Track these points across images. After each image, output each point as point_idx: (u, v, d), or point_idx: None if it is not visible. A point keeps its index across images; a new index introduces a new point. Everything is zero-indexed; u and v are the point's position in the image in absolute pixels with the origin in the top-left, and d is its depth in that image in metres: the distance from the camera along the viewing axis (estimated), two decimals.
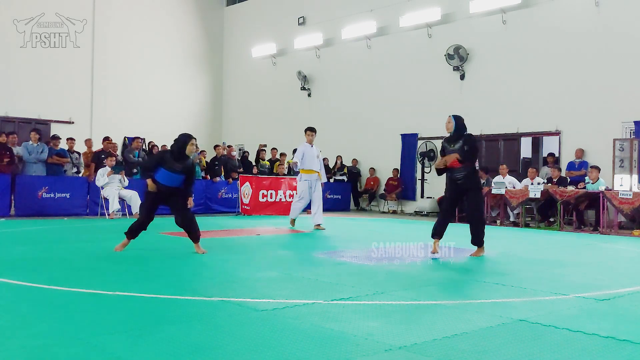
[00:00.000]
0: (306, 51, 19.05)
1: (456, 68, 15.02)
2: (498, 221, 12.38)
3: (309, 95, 19.04)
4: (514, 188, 12.10)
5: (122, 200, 11.78)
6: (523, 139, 14.33)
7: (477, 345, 3.09)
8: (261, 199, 13.60)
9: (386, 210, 16.54)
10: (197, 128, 19.87)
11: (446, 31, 15.41)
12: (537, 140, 14.17)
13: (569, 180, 11.87)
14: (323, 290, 4.50)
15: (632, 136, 11.84)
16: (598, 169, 11.20)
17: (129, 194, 11.73)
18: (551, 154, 13.31)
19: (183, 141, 6.39)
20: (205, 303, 4.00)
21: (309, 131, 10.20)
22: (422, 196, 15.74)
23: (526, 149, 14.51)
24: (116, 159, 12.35)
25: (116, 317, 3.53)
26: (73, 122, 17.59)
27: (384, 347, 3.00)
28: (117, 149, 15.05)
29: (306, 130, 10.23)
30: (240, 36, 21.44)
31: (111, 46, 18.62)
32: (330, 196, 15.55)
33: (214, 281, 4.96)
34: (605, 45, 12.66)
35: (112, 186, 11.63)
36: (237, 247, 6.91)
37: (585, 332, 3.37)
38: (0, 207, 10.96)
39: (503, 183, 12.13)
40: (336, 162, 17.08)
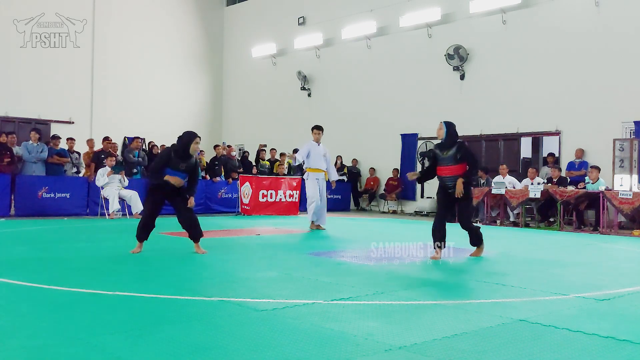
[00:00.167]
0: (306, 51, 19.05)
1: (456, 68, 15.02)
2: (498, 221, 12.38)
3: (309, 95, 19.04)
4: (514, 188, 12.10)
5: (122, 200, 11.79)
6: (523, 139, 14.33)
7: (477, 345, 3.09)
8: (261, 199, 13.61)
9: (386, 210, 16.54)
10: (197, 128, 19.74)
11: (446, 31, 15.41)
12: (537, 140, 14.16)
13: (569, 180, 11.87)
14: (323, 290, 4.50)
15: (632, 136, 11.85)
16: (598, 169, 11.20)
17: (129, 194, 11.73)
18: (551, 154, 13.31)
19: (187, 140, 6.32)
20: (205, 303, 4.00)
21: (316, 129, 10.06)
22: (422, 196, 15.74)
23: (526, 149, 14.50)
24: (116, 159, 12.35)
25: (116, 317, 3.53)
26: (73, 122, 17.59)
27: (384, 347, 3.00)
28: (117, 149, 15.05)
29: (313, 128, 10.11)
30: (240, 36, 21.44)
31: (111, 46, 18.62)
32: (330, 196, 15.49)
33: (214, 281, 4.96)
34: (605, 45, 12.66)
35: (112, 186, 11.64)
36: (237, 247, 6.91)
37: (585, 332, 3.37)
38: (0, 207, 10.97)
39: (503, 183, 12.12)
40: (336, 162, 17.06)
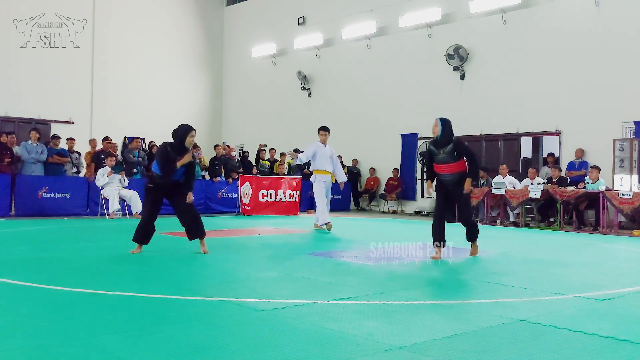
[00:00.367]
0: (306, 51, 19.05)
1: (456, 68, 15.01)
2: (498, 221, 12.37)
3: (309, 95, 19.04)
4: (514, 188, 12.10)
5: (122, 200, 11.79)
6: (523, 139, 14.32)
7: (477, 345, 3.09)
8: (261, 199, 13.61)
9: (386, 210, 16.54)
10: (197, 128, 19.20)
11: (446, 31, 15.41)
12: (537, 140, 14.16)
13: (569, 180, 11.87)
14: (323, 290, 4.50)
15: (632, 136, 11.84)
16: (598, 169, 11.20)
17: (129, 194, 11.74)
18: (551, 154, 13.31)
19: (182, 133, 6.28)
20: (205, 303, 4.00)
21: (322, 130, 9.86)
22: (422, 196, 15.74)
23: (526, 149, 14.50)
24: (116, 159, 12.36)
25: (116, 317, 3.53)
26: (73, 122, 17.59)
27: (384, 347, 3.00)
28: (117, 149, 15.05)
29: (319, 129, 9.92)
30: (240, 36, 21.44)
31: (111, 46, 18.62)
32: (330, 196, 15.50)
33: (214, 281, 4.96)
34: (605, 45, 12.66)
35: (112, 186, 11.64)
36: (237, 247, 6.91)
37: (585, 332, 3.37)
38: (0, 207, 10.97)
39: (503, 183, 12.12)
40: None
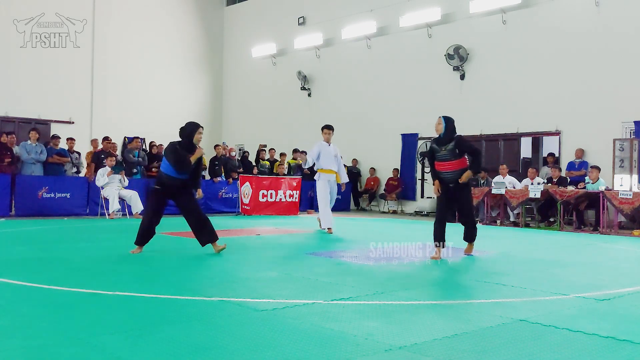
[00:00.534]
0: (306, 51, 19.05)
1: (456, 68, 15.01)
2: (498, 221, 12.37)
3: (309, 95, 19.04)
4: (514, 188, 12.10)
5: (122, 200, 11.79)
6: (523, 139, 14.32)
7: (477, 345, 3.09)
8: (261, 199, 13.61)
9: (386, 210, 16.53)
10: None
11: (446, 31, 15.41)
12: (537, 140, 14.16)
13: (569, 180, 11.87)
14: (323, 290, 4.50)
15: (632, 136, 11.84)
16: (598, 169, 11.19)
17: (129, 194, 11.74)
18: (551, 154, 13.31)
19: (190, 130, 6.25)
20: (205, 303, 4.00)
21: (326, 129, 9.64)
22: (422, 196, 15.74)
23: (526, 149, 14.50)
24: (116, 159, 12.35)
25: (116, 317, 3.53)
26: (73, 122, 17.59)
27: (384, 347, 3.00)
28: (117, 149, 15.05)
29: (323, 128, 9.68)
30: (240, 36, 21.44)
31: (111, 46, 18.61)
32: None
33: (214, 281, 4.96)
34: (605, 45, 12.66)
35: (112, 186, 11.64)
36: (237, 247, 6.90)
37: (585, 332, 3.37)
38: (0, 207, 10.97)
39: (503, 183, 12.12)
40: None
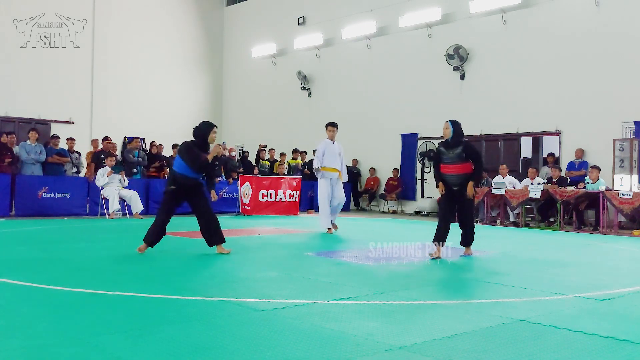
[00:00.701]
0: (306, 51, 19.05)
1: (456, 68, 15.02)
2: (498, 221, 12.37)
3: (309, 95, 19.04)
4: (514, 188, 12.10)
5: (122, 200, 11.79)
6: (523, 139, 14.33)
7: (477, 345, 3.09)
8: (261, 199, 13.61)
9: (386, 210, 16.53)
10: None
11: (446, 31, 15.41)
12: (537, 140, 14.16)
13: (569, 180, 11.87)
14: (323, 290, 4.50)
15: (632, 136, 11.84)
16: (598, 169, 11.19)
17: (129, 194, 11.74)
18: (551, 154, 13.31)
19: (205, 129, 6.22)
20: (205, 303, 4.00)
21: (330, 126, 9.38)
22: (422, 196, 15.74)
23: (526, 149, 14.51)
24: (116, 159, 12.35)
25: (116, 317, 3.53)
26: (73, 122, 17.59)
27: (384, 347, 3.00)
28: (117, 149, 15.05)
29: (327, 125, 9.43)
30: (240, 36, 21.44)
31: (111, 46, 18.62)
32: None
33: (214, 281, 4.96)
34: (605, 45, 12.66)
35: (112, 186, 11.64)
36: (237, 247, 6.90)
37: (585, 332, 3.37)
38: (0, 207, 10.97)
39: (503, 183, 12.12)
40: None
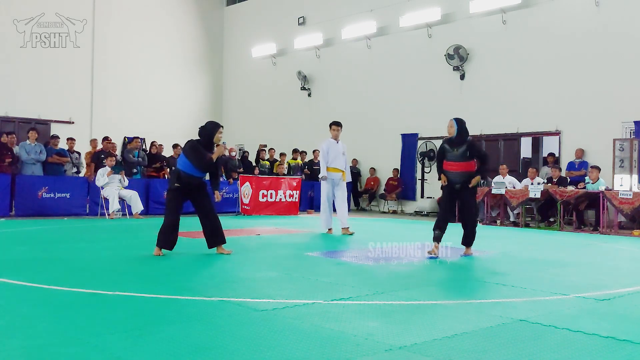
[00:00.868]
0: (306, 51, 19.05)
1: (456, 68, 15.01)
2: (498, 221, 12.37)
3: (309, 95, 19.04)
4: (514, 188, 12.10)
5: (122, 200, 11.79)
6: (523, 139, 14.33)
7: (477, 345, 3.09)
8: (261, 199, 13.61)
9: (386, 210, 16.53)
10: (197, 128, 19.72)
11: (446, 31, 15.41)
12: (537, 140, 14.16)
13: (569, 180, 11.87)
14: (323, 290, 4.50)
15: (632, 136, 11.84)
16: (598, 169, 11.19)
17: (129, 194, 11.74)
18: (551, 154, 13.31)
19: (211, 129, 6.22)
20: (205, 303, 4.00)
21: (334, 125, 9.22)
22: (422, 196, 15.74)
23: (526, 149, 14.51)
24: (116, 159, 12.35)
25: (116, 317, 3.53)
26: (73, 122, 17.59)
27: (384, 347, 3.00)
28: (117, 149, 15.05)
29: (331, 124, 9.27)
30: (240, 36, 21.44)
31: (111, 46, 18.62)
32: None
33: (214, 281, 4.96)
34: (605, 45, 12.66)
35: (112, 186, 11.64)
36: (237, 247, 6.90)
37: (585, 332, 3.37)
38: (0, 207, 10.96)
39: (503, 183, 12.12)
40: None
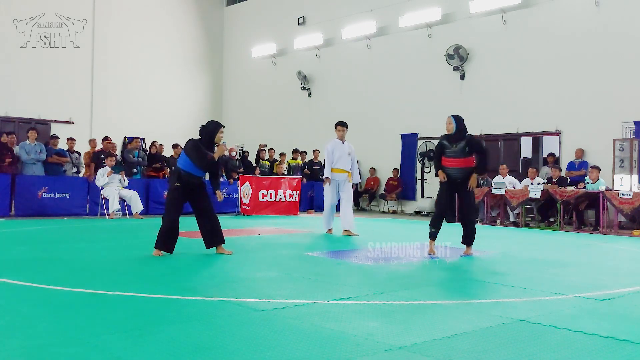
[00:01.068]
0: (306, 51, 19.05)
1: (456, 68, 15.02)
2: (498, 221, 12.37)
3: (309, 95, 19.04)
4: (514, 188, 12.10)
5: (122, 200, 11.79)
6: (523, 139, 14.33)
7: (477, 345, 3.09)
8: (261, 199, 13.61)
9: (386, 210, 16.53)
10: (197, 128, 19.72)
11: (446, 31, 15.41)
12: (537, 140, 14.16)
13: (569, 180, 11.87)
14: (323, 290, 4.50)
15: (632, 136, 11.84)
16: (598, 169, 11.19)
17: (129, 194, 11.74)
18: (551, 154, 13.31)
19: (212, 129, 6.21)
20: (205, 303, 4.00)
21: (340, 126, 9.10)
22: (422, 196, 15.74)
23: (526, 149, 14.51)
24: (116, 159, 12.35)
25: (116, 317, 3.53)
26: (73, 122, 17.59)
27: (384, 347, 3.00)
28: (117, 149, 15.04)
29: (336, 125, 9.16)
30: (240, 36, 21.44)
31: (111, 46, 18.62)
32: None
33: (214, 281, 4.95)
34: (605, 45, 12.66)
35: (112, 186, 11.64)
36: (237, 247, 6.90)
37: (585, 332, 3.37)
38: (0, 207, 10.96)
39: (503, 183, 12.12)
40: None
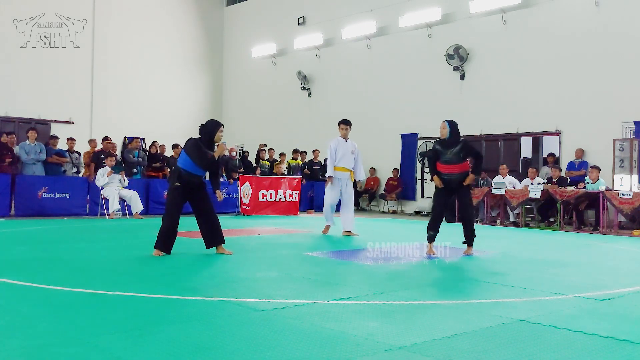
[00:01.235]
0: (306, 51, 19.05)
1: (456, 68, 15.01)
2: (498, 221, 12.37)
3: (309, 95, 19.04)
4: (514, 188, 12.10)
5: (122, 200, 11.79)
6: (523, 139, 14.33)
7: (477, 345, 3.09)
8: (261, 199, 13.61)
9: (386, 210, 16.53)
10: (197, 128, 19.77)
11: (446, 31, 15.41)
12: (537, 140, 14.16)
13: (569, 180, 11.87)
14: (323, 290, 4.50)
15: (632, 136, 11.85)
16: (598, 169, 11.20)
17: (129, 194, 11.74)
18: (551, 154, 13.31)
19: (212, 128, 6.19)
20: (205, 303, 4.00)
21: (343, 124, 9.00)
22: (422, 196, 15.74)
23: (526, 149, 14.51)
24: (116, 159, 12.35)
25: (116, 317, 3.52)
26: (73, 122, 17.59)
27: (384, 347, 3.00)
28: (117, 149, 15.04)
29: (339, 123, 9.06)
30: (240, 36, 21.44)
31: (111, 46, 18.62)
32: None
33: (214, 281, 4.95)
34: (605, 45, 12.66)
35: (112, 186, 11.64)
36: (237, 247, 6.90)
37: (585, 332, 3.37)
38: (0, 207, 10.96)
39: (503, 183, 12.12)
40: None
